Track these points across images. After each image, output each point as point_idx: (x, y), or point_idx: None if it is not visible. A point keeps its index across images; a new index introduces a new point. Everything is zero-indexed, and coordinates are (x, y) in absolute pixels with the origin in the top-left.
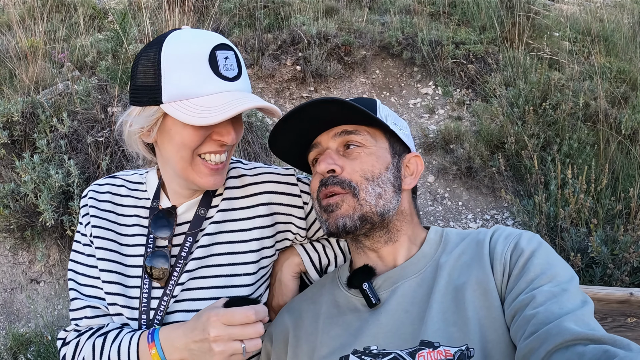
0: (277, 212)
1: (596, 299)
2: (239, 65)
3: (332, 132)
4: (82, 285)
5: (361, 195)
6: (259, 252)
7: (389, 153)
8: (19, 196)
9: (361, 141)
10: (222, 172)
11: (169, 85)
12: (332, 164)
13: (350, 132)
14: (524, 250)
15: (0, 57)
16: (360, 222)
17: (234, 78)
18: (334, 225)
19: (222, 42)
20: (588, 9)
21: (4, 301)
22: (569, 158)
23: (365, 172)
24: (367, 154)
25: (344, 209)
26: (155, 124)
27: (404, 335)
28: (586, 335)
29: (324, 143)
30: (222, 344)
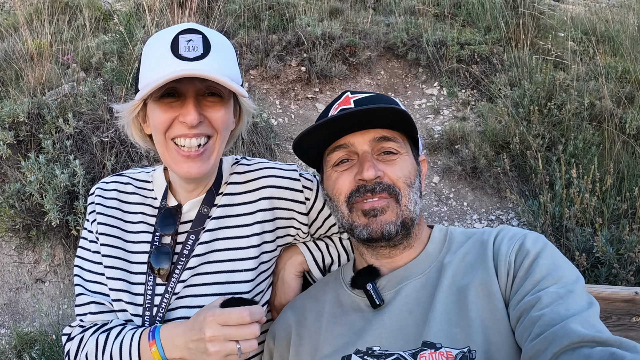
0: (278, 207)
1: (601, 298)
2: (206, 46)
3: (369, 136)
4: (87, 281)
5: (403, 201)
6: (259, 247)
7: (414, 159)
8: (25, 196)
9: (397, 148)
10: (200, 161)
11: (142, 72)
12: (379, 170)
13: (389, 138)
14: (529, 251)
15: (6, 58)
16: (401, 228)
17: (195, 58)
18: (378, 231)
19: (190, 27)
20: (593, 10)
21: (9, 300)
22: (574, 158)
23: (406, 177)
24: (403, 160)
25: (388, 215)
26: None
27: (407, 336)
28: (593, 338)
29: (358, 146)
30: (218, 344)
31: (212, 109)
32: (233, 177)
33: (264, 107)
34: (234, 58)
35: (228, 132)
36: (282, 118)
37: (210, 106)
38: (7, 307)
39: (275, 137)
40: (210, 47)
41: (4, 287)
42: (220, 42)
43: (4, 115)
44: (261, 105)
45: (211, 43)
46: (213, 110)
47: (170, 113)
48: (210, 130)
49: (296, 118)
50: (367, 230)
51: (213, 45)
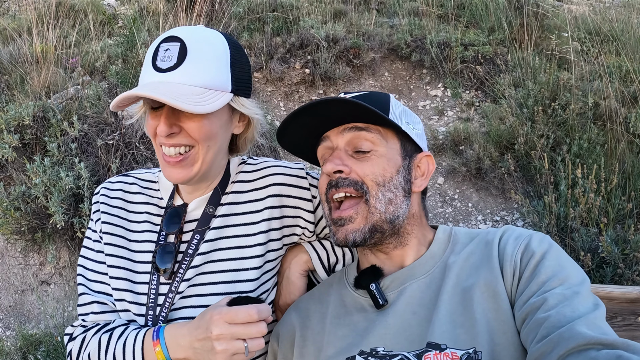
0: (285, 204)
1: (606, 297)
2: (182, 55)
3: (342, 127)
4: (90, 281)
5: (371, 202)
6: (265, 246)
7: (400, 155)
8: (30, 199)
9: (371, 139)
10: (180, 167)
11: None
12: (340, 164)
13: (361, 128)
14: (535, 252)
15: (12, 62)
16: (370, 233)
17: (168, 69)
18: (343, 239)
19: (172, 35)
20: (597, 9)
21: (14, 302)
22: (578, 158)
23: (376, 176)
24: (377, 157)
25: (357, 222)
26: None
27: (411, 336)
28: (599, 340)
29: (332, 139)
30: (225, 342)
31: (189, 120)
32: (240, 175)
33: (268, 109)
34: (217, 62)
35: (215, 141)
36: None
37: (188, 117)
38: (12, 309)
39: None
40: (185, 55)
41: (10, 289)
42: (202, 47)
43: (9, 118)
44: (265, 108)
45: (188, 51)
46: (189, 121)
47: (154, 121)
48: (189, 141)
49: None
50: (333, 238)
51: (190, 53)
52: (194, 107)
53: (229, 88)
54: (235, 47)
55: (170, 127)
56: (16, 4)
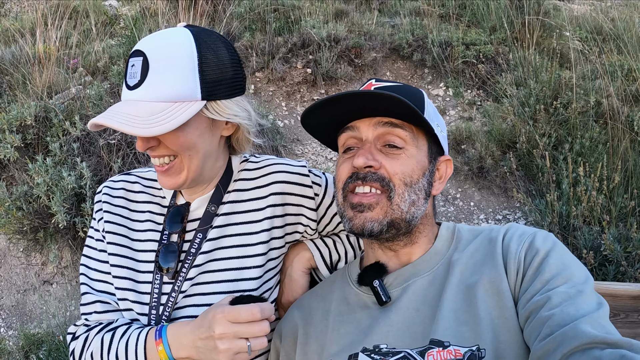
0: (288, 202)
1: (609, 295)
2: (144, 71)
3: (375, 120)
4: (93, 280)
5: (395, 200)
6: (267, 244)
7: (427, 157)
8: (32, 198)
9: (404, 137)
10: (168, 175)
11: None
12: (372, 159)
13: (396, 125)
14: (539, 249)
15: (14, 62)
16: (387, 227)
17: (134, 86)
18: (360, 227)
19: (137, 49)
20: (599, 9)
21: (17, 302)
22: (580, 157)
23: (405, 175)
24: (408, 157)
25: (375, 212)
26: None
27: (415, 334)
28: (603, 339)
29: (363, 130)
30: (228, 341)
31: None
32: (242, 173)
33: (270, 109)
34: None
35: (196, 149)
36: (288, 120)
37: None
38: (14, 309)
39: (282, 138)
40: (148, 70)
41: (12, 289)
42: (163, 59)
43: (11, 118)
44: (267, 107)
45: (150, 65)
46: (166, 135)
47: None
48: (169, 151)
49: None
50: (349, 223)
51: (151, 68)
52: (147, 130)
53: (198, 96)
54: (208, 47)
55: (147, 142)
56: (18, 5)
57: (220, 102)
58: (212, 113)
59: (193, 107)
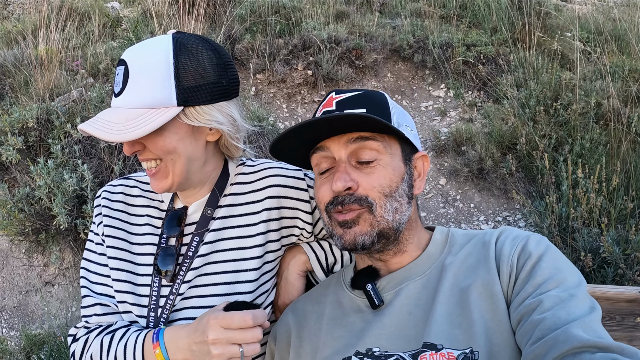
0: (283, 206)
1: (605, 298)
2: (125, 80)
3: (345, 137)
4: (93, 283)
5: (378, 212)
6: (263, 247)
7: (402, 161)
8: (34, 200)
9: (377, 148)
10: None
11: None
12: (349, 180)
13: (367, 138)
14: (531, 253)
15: (16, 64)
16: (377, 238)
17: (117, 94)
18: (352, 242)
19: (122, 58)
20: (601, 9)
21: (18, 303)
22: (581, 158)
23: (383, 187)
24: (382, 166)
25: (362, 225)
26: None
27: (407, 337)
28: (594, 343)
29: (334, 150)
30: (220, 347)
31: (145, 138)
32: (238, 177)
33: (270, 110)
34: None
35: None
36: (289, 121)
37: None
38: (16, 310)
39: None
40: (128, 78)
41: (14, 290)
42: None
43: (13, 121)
44: (268, 109)
45: (130, 73)
46: (146, 140)
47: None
48: (154, 155)
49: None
50: (341, 240)
51: (131, 76)
52: (120, 135)
53: (174, 102)
54: (189, 53)
55: (132, 146)
56: (20, 7)
57: (199, 108)
58: (190, 119)
59: (168, 113)
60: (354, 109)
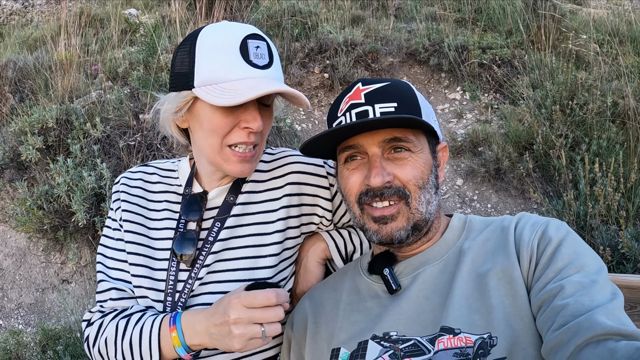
0: (303, 192)
1: (626, 287)
2: (270, 55)
3: (379, 137)
4: (109, 269)
5: (413, 204)
6: (283, 233)
7: (430, 153)
8: (53, 198)
9: (409, 146)
10: (252, 161)
11: (201, 70)
12: (387, 175)
13: (400, 139)
14: (551, 238)
15: (36, 68)
16: (412, 231)
17: (264, 66)
18: (388, 238)
19: (254, 32)
20: (616, 12)
21: (35, 300)
22: (598, 157)
23: (417, 179)
24: (415, 160)
25: (399, 221)
26: (185, 105)
27: (425, 322)
28: (618, 330)
29: (368, 148)
30: (242, 326)
31: (265, 118)
32: (259, 165)
33: (287, 113)
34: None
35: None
36: (305, 124)
37: (265, 114)
38: (33, 307)
39: (299, 141)
40: (273, 55)
41: (31, 287)
42: (275, 49)
43: (33, 121)
44: (285, 112)
45: (272, 51)
46: (266, 119)
47: (231, 118)
48: (259, 139)
49: (320, 124)
50: (377, 235)
51: (273, 53)
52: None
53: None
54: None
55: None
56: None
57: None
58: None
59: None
60: (384, 103)
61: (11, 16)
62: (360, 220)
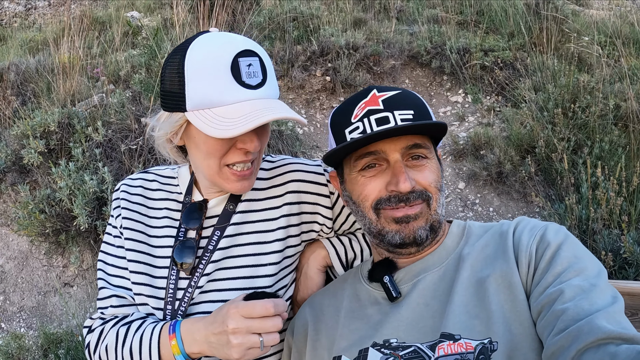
0: (304, 201)
1: (627, 293)
2: (264, 71)
3: (400, 143)
4: (110, 276)
5: (433, 206)
6: (284, 241)
7: (436, 158)
8: (55, 201)
9: (426, 154)
10: (250, 178)
11: (192, 92)
12: (412, 180)
13: (420, 145)
14: (550, 242)
15: (38, 71)
16: (430, 232)
17: (258, 85)
18: (411, 237)
19: (246, 48)
20: (618, 14)
21: (37, 304)
22: (600, 160)
23: (436, 182)
24: (431, 164)
25: (420, 220)
26: (180, 129)
27: (424, 328)
28: (619, 334)
29: (389, 154)
30: (240, 336)
31: (262, 135)
32: (259, 173)
33: None
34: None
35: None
36: (307, 127)
37: (261, 132)
38: (35, 310)
39: (301, 145)
40: (267, 71)
41: (33, 291)
42: (268, 60)
43: (35, 124)
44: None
45: (266, 66)
46: (263, 136)
47: (227, 140)
48: (257, 154)
49: (321, 127)
50: (399, 235)
51: (267, 68)
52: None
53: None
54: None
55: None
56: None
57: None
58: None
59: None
60: (403, 110)
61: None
62: (377, 225)
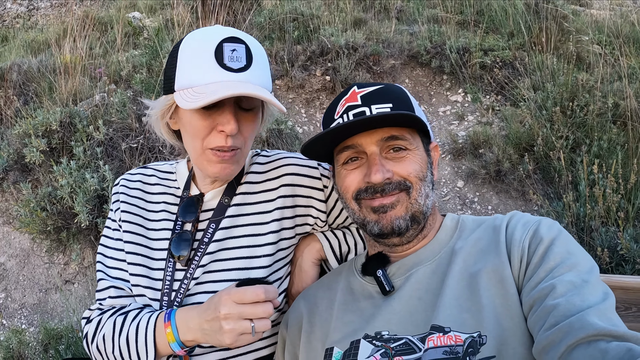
0: (298, 194)
1: (620, 287)
2: (249, 58)
3: (377, 136)
4: (108, 268)
5: (413, 195)
6: (278, 233)
7: (424, 151)
8: (56, 199)
9: (406, 145)
10: (232, 163)
11: (180, 74)
12: (386, 171)
13: (397, 137)
14: (543, 238)
15: (40, 71)
16: (410, 222)
17: (240, 70)
18: (389, 227)
19: (232, 36)
20: (619, 13)
21: (38, 301)
22: (598, 158)
23: (417, 172)
24: (413, 156)
25: (398, 209)
26: (169, 110)
27: (416, 321)
28: (609, 332)
29: (366, 147)
30: (232, 322)
31: (246, 121)
32: (254, 167)
33: (289, 115)
34: (268, 65)
35: (252, 140)
36: (307, 126)
37: (245, 117)
38: (36, 307)
39: (300, 144)
40: (252, 58)
41: (34, 288)
42: (259, 51)
43: (37, 123)
44: (286, 114)
45: (252, 54)
46: (247, 122)
47: (209, 121)
48: (241, 143)
49: (321, 126)
50: (377, 225)
51: (254, 56)
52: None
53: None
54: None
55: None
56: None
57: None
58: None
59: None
60: (380, 104)
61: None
62: (360, 215)
